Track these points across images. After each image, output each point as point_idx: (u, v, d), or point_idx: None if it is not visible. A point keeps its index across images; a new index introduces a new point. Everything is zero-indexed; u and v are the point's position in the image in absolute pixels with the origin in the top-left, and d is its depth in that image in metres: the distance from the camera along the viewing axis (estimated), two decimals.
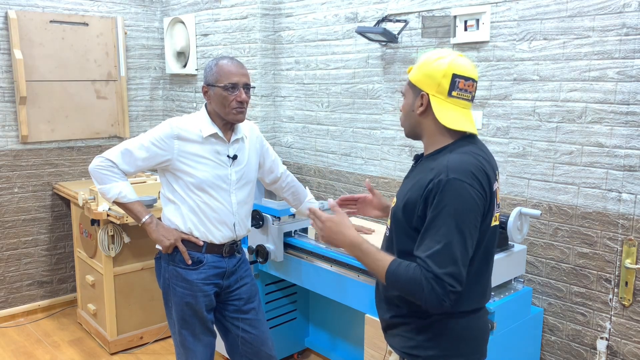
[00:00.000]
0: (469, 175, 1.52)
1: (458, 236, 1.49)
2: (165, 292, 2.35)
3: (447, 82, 1.59)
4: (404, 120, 1.72)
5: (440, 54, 1.64)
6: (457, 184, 1.50)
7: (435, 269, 1.47)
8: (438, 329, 1.64)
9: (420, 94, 1.63)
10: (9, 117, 3.81)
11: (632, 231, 2.20)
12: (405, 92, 1.70)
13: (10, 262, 3.92)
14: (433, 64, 1.61)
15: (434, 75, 1.60)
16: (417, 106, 1.64)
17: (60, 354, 3.48)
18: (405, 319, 1.68)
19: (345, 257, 2.61)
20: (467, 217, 1.50)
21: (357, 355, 3.10)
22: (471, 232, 1.51)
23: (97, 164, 2.25)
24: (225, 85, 2.18)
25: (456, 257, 1.48)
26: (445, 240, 1.48)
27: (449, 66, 1.59)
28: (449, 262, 1.47)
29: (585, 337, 2.39)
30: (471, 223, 1.51)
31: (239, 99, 2.19)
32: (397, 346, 1.73)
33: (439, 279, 1.47)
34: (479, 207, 1.53)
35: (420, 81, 1.63)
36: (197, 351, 2.34)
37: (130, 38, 4.27)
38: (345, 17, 3.18)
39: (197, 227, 2.27)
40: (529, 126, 2.47)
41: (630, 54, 2.14)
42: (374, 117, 3.11)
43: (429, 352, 1.65)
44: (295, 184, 2.63)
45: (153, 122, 4.41)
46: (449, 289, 1.47)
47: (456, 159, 1.55)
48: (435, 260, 1.48)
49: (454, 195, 1.50)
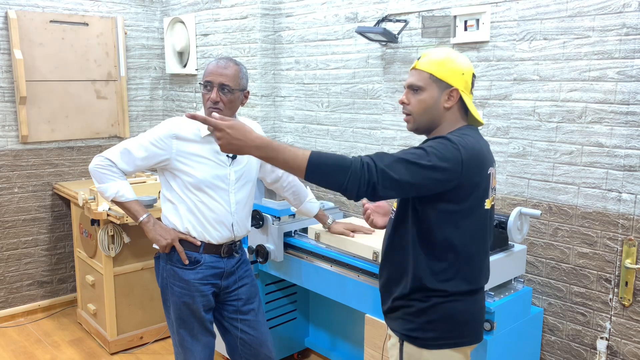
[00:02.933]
0: (464, 144, 1.61)
1: (413, 155, 1.56)
2: (163, 291, 2.35)
3: (470, 81, 1.73)
4: (423, 113, 1.73)
5: (454, 52, 1.75)
6: (446, 141, 1.61)
7: (377, 160, 1.55)
8: (438, 312, 1.71)
9: (451, 89, 1.70)
10: (9, 117, 3.81)
11: (632, 231, 2.20)
12: (426, 85, 1.71)
13: (10, 262, 3.92)
14: (456, 62, 1.71)
15: (461, 73, 1.70)
16: (445, 100, 1.71)
17: (60, 354, 3.48)
18: (407, 301, 1.75)
19: (346, 257, 2.61)
20: (440, 158, 1.56)
21: (357, 355, 3.10)
22: (435, 165, 1.56)
23: (96, 163, 2.26)
24: (203, 83, 2.22)
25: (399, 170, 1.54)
26: (403, 157, 1.56)
27: (470, 66, 1.74)
28: (396, 163, 1.55)
29: (585, 337, 2.39)
30: (439, 166, 1.56)
31: (211, 99, 2.20)
32: (398, 329, 1.79)
33: (375, 165, 1.54)
34: (454, 166, 1.58)
35: (449, 77, 1.70)
36: (195, 351, 2.34)
37: (130, 38, 4.27)
38: (345, 17, 3.18)
39: (194, 227, 2.27)
40: (529, 126, 2.46)
41: (630, 54, 2.14)
42: (374, 117, 3.11)
43: (429, 334, 1.72)
44: (296, 183, 2.63)
45: (153, 122, 4.41)
46: (372, 180, 1.53)
47: (457, 133, 1.68)
48: (380, 158, 1.56)
49: (439, 142, 1.61)
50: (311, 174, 1.55)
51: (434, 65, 1.70)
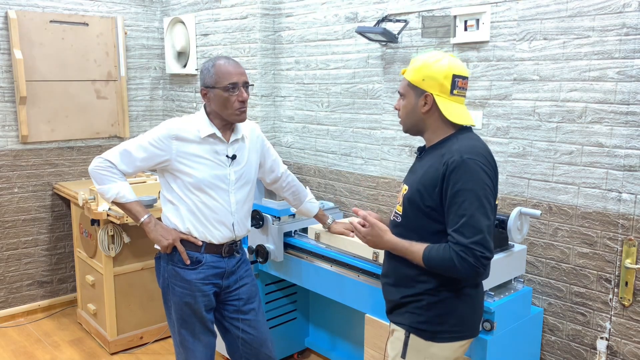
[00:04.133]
0: (481, 156, 1.71)
1: (480, 207, 1.66)
2: (164, 291, 2.35)
3: (449, 82, 1.77)
4: (405, 118, 1.87)
5: (436, 56, 1.80)
6: (471, 162, 1.68)
7: (462, 240, 1.65)
8: (447, 306, 1.79)
9: (424, 94, 1.79)
10: (9, 117, 3.81)
11: (632, 231, 2.20)
12: (405, 92, 1.85)
13: (10, 262, 3.92)
14: (433, 66, 1.78)
15: (436, 77, 1.77)
16: (421, 105, 1.80)
17: (60, 354, 3.48)
18: (416, 297, 1.82)
19: (346, 257, 2.61)
20: (484, 190, 1.68)
21: (357, 355, 3.10)
22: (490, 202, 1.69)
23: (96, 164, 2.25)
24: (226, 87, 2.18)
25: (481, 226, 1.65)
26: (468, 213, 1.65)
27: (449, 67, 1.77)
28: (475, 232, 1.64)
29: (585, 337, 2.39)
30: (488, 195, 1.69)
31: (240, 99, 2.19)
32: (405, 322, 1.85)
33: (468, 248, 1.64)
34: (492, 182, 1.72)
35: (423, 83, 1.79)
36: (196, 351, 2.34)
37: (130, 38, 4.27)
38: (345, 17, 3.18)
39: (195, 227, 2.27)
40: (529, 126, 2.46)
41: (630, 54, 2.14)
42: (374, 117, 3.11)
43: (437, 327, 1.80)
44: (296, 183, 2.63)
45: (153, 122, 4.41)
46: (479, 255, 1.65)
47: (466, 144, 1.74)
48: (462, 233, 1.65)
49: (470, 172, 1.67)
50: (430, 269, 1.75)
51: (411, 72, 1.82)
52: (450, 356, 1.83)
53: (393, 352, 1.89)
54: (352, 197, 3.30)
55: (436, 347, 1.81)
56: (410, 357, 1.83)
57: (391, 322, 1.93)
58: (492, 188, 1.72)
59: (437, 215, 1.75)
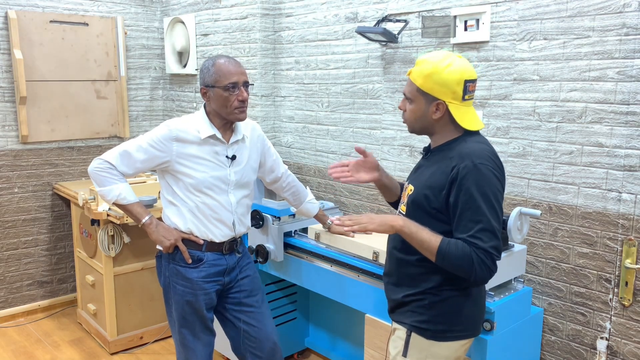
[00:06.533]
0: (491, 160, 1.72)
1: (493, 213, 1.69)
2: (165, 290, 2.35)
3: (461, 89, 1.74)
4: (414, 122, 1.85)
5: (445, 60, 1.74)
6: (483, 168, 1.69)
7: (482, 244, 1.67)
8: (450, 305, 1.80)
9: (437, 102, 1.76)
10: (9, 117, 3.81)
11: (632, 231, 2.20)
12: (414, 98, 1.80)
13: (10, 262, 3.92)
14: (444, 73, 1.73)
15: (449, 84, 1.73)
16: (432, 112, 1.78)
17: (60, 354, 3.48)
18: (419, 295, 1.82)
19: (346, 257, 2.61)
20: (496, 195, 1.71)
21: (357, 355, 3.10)
22: (501, 207, 1.73)
23: (95, 166, 2.25)
24: (226, 86, 2.17)
25: (496, 232, 1.69)
26: (484, 219, 1.68)
27: (461, 73, 1.74)
28: (492, 237, 1.68)
29: (585, 337, 2.39)
30: (499, 200, 1.72)
31: (240, 98, 2.19)
32: (407, 320, 1.85)
33: (488, 252, 1.67)
34: (502, 185, 1.75)
35: (434, 90, 1.75)
36: (196, 349, 2.34)
37: (130, 38, 4.27)
38: (345, 17, 3.18)
39: (197, 227, 2.28)
40: (529, 126, 2.46)
41: (630, 54, 2.14)
42: (374, 117, 3.11)
43: (439, 326, 1.80)
44: (296, 183, 2.63)
45: (153, 122, 4.41)
46: (496, 259, 1.70)
47: (475, 148, 1.73)
48: (479, 238, 1.67)
49: (482, 178, 1.69)
50: (440, 262, 1.72)
51: (421, 77, 1.76)
52: (452, 355, 1.83)
53: (394, 351, 1.90)
54: (352, 197, 3.30)
55: (438, 346, 1.81)
56: (412, 356, 1.84)
57: (393, 321, 1.93)
58: (502, 192, 1.75)
59: (442, 216, 1.75)
